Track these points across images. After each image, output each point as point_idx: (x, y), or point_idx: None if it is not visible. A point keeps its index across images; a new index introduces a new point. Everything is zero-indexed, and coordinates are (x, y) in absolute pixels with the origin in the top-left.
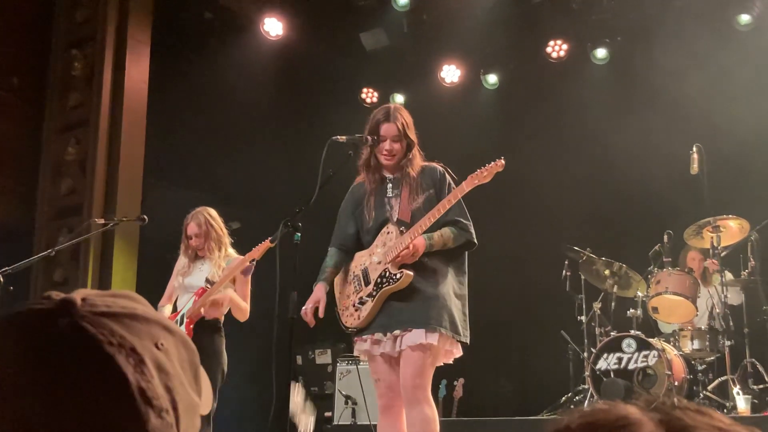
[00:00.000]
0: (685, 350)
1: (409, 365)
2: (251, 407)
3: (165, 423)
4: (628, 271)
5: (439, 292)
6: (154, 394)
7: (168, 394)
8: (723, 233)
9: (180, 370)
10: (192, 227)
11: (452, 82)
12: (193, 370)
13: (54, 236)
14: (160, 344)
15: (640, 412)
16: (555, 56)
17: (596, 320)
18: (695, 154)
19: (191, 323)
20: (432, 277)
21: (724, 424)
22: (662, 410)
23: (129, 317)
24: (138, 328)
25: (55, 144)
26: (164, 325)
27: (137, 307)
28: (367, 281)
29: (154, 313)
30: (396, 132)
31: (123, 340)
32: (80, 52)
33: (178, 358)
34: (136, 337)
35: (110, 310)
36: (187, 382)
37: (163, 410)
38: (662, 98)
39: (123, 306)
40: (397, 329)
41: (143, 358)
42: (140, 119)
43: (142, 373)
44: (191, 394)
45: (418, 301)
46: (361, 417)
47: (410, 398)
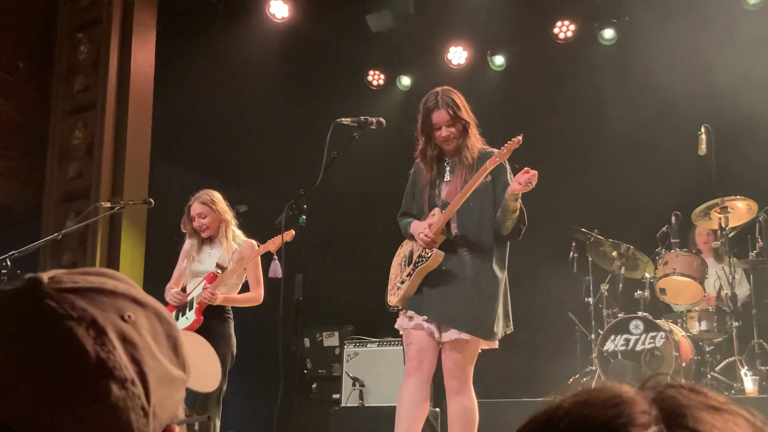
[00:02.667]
0: (693, 331)
1: (450, 359)
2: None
3: (129, 393)
4: (636, 252)
5: (483, 292)
6: (115, 365)
7: (134, 365)
8: (731, 214)
9: (151, 341)
10: (196, 208)
11: (459, 64)
12: (170, 342)
13: (61, 220)
14: (127, 316)
15: (633, 391)
16: (562, 37)
17: (604, 302)
18: (703, 134)
19: (201, 309)
20: (476, 271)
21: (717, 402)
22: (655, 389)
23: (94, 291)
24: (102, 301)
25: (62, 128)
26: (134, 298)
27: (106, 282)
28: (409, 262)
29: (124, 287)
30: (448, 118)
31: (84, 313)
32: (86, 36)
33: (149, 331)
34: (99, 309)
35: (75, 285)
36: (162, 354)
37: (127, 381)
38: (670, 79)
39: (90, 281)
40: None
41: (104, 330)
42: (147, 102)
43: (102, 345)
44: (167, 366)
45: (459, 296)
46: (369, 399)
47: (452, 389)
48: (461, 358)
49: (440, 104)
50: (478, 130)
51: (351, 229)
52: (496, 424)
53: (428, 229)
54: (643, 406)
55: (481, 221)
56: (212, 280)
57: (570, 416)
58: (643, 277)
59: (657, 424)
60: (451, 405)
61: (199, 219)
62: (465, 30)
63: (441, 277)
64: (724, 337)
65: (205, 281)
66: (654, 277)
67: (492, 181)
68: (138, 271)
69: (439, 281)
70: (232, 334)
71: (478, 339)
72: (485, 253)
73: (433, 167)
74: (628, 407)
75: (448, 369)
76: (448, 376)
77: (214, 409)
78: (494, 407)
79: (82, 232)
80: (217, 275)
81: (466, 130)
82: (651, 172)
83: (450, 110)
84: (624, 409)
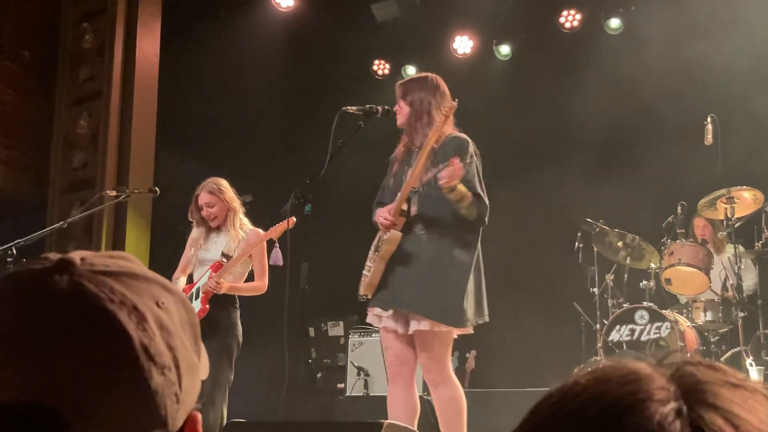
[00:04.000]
0: (698, 322)
1: (423, 353)
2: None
3: (167, 380)
4: (641, 242)
5: (442, 276)
6: (156, 351)
7: (170, 351)
8: (737, 204)
9: (180, 329)
10: (203, 197)
11: (465, 53)
12: (192, 330)
13: (67, 209)
14: (161, 303)
15: (650, 367)
16: (568, 26)
17: (609, 292)
18: (709, 124)
19: (207, 298)
20: (427, 252)
21: (736, 379)
22: (673, 365)
23: (128, 276)
24: (138, 287)
25: (67, 117)
26: (163, 284)
27: (135, 267)
28: (376, 249)
29: (152, 272)
30: (399, 93)
31: (124, 298)
32: (91, 25)
33: (178, 318)
34: (137, 295)
35: (108, 269)
36: (188, 342)
37: (165, 367)
38: (676, 68)
39: (121, 266)
40: (400, 308)
41: (145, 316)
42: (151, 91)
43: (144, 330)
44: (192, 354)
45: (418, 280)
46: (373, 388)
47: (431, 381)
48: (434, 350)
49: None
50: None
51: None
52: (500, 414)
53: (387, 213)
54: (661, 382)
55: (439, 204)
56: (217, 268)
57: (587, 392)
58: (648, 268)
59: (676, 400)
60: (435, 398)
61: (207, 208)
62: (471, 19)
63: (402, 261)
64: (730, 327)
65: (210, 270)
66: (659, 268)
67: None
68: (143, 260)
69: (400, 266)
70: (238, 322)
71: (450, 327)
72: (444, 236)
73: (402, 155)
74: (645, 383)
75: (422, 363)
76: (424, 370)
77: (221, 398)
78: (499, 397)
79: (88, 221)
80: (222, 264)
81: (426, 115)
82: (657, 161)
83: (400, 87)
84: (642, 385)
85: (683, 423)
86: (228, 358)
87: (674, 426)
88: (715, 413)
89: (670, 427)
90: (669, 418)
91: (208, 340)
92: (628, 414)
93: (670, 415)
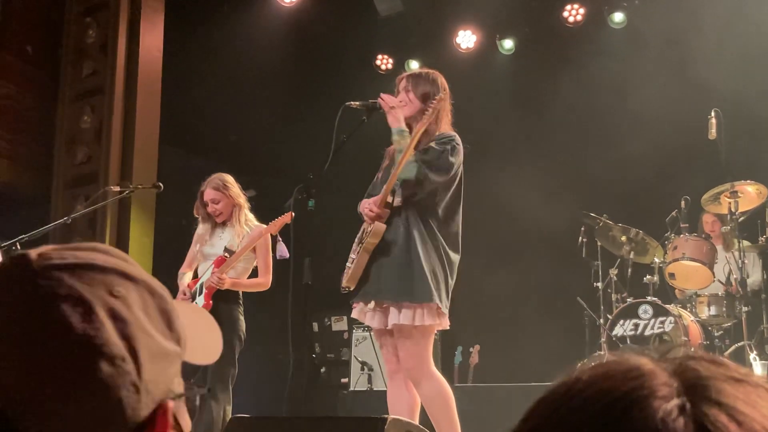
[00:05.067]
0: (702, 316)
1: (402, 349)
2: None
3: (120, 371)
4: (645, 237)
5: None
6: (104, 342)
7: (125, 341)
8: (741, 199)
9: (143, 316)
10: (209, 193)
11: (468, 48)
12: (164, 317)
13: (70, 204)
14: (116, 292)
15: (652, 363)
16: (572, 21)
17: (612, 286)
18: (713, 118)
19: (210, 293)
20: (402, 240)
21: (739, 374)
22: (675, 360)
23: (83, 267)
24: (91, 277)
25: (70, 112)
26: (124, 272)
27: (96, 257)
28: (360, 241)
29: (115, 262)
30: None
31: (71, 290)
32: (94, 20)
33: (141, 306)
34: (87, 286)
35: (64, 262)
36: (155, 329)
37: (116, 358)
38: (680, 62)
39: (79, 257)
40: (376, 297)
41: (92, 307)
42: (155, 86)
43: (90, 321)
44: (159, 341)
45: (391, 267)
46: (377, 383)
47: (412, 378)
48: (412, 346)
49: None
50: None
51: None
52: (503, 409)
53: (372, 204)
54: (664, 377)
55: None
56: (220, 263)
57: (589, 389)
58: (652, 262)
59: (679, 396)
60: (420, 396)
61: (213, 204)
62: (474, 14)
63: (381, 251)
64: (734, 321)
65: (213, 265)
66: (663, 262)
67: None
68: (147, 254)
69: (382, 257)
70: (241, 318)
71: (426, 323)
72: (416, 222)
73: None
74: (648, 379)
75: (402, 359)
76: (404, 368)
77: (224, 393)
78: (502, 392)
79: (91, 216)
80: (226, 259)
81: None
82: (660, 156)
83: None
84: (644, 382)
85: (686, 420)
86: (231, 354)
87: (678, 423)
88: (719, 409)
89: (674, 425)
90: (672, 415)
91: None
92: (631, 411)
93: (673, 411)
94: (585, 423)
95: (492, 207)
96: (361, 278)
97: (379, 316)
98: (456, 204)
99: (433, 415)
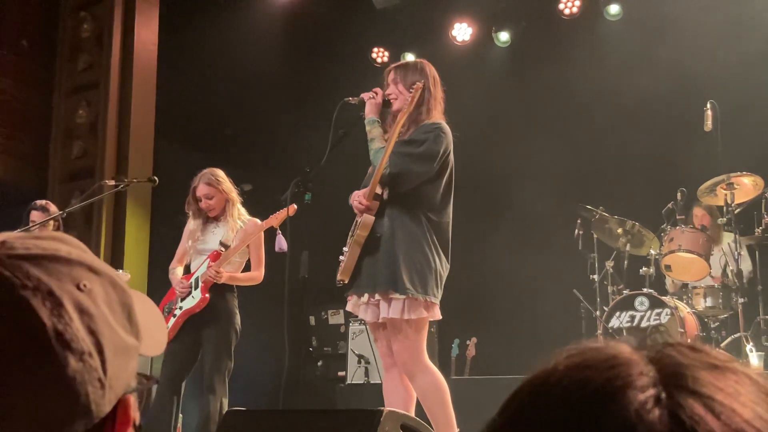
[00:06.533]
0: (698, 308)
1: (395, 342)
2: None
3: (87, 366)
4: (641, 229)
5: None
6: (72, 337)
7: (91, 336)
8: (737, 190)
9: (107, 311)
10: (202, 189)
11: (464, 41)
12: (125, 311)
13: (66, 199)
14: (83, 285)
15: (630, 351)
16: (567, 13)
17: (609, 279)
18: (709, 110)
19: (206, 287)
20: (389, 232)
21: (719, 361)
22: (653, 348)
23: (49, 259)
24: (58, 270)
25: (66, 106)
26: (89, 265)
27: (60, 248)
28: (351, 234)
29: (78, 254)
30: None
31: (39, 283)
32: (89, 14)
33: (105, 300)
34: (55, 279)
35: (29, 252)
36: (118, 324)
37: (84, 353)
38: (676, 54)
39: (44, 248)
40: (365, 292)
41: (61, 301)
42: (150, 80)
43: (59, 316)
44: (122, 336)
45: (378, 261)
46: (374, 376)
47: (406, 373)
48: (404, 340)
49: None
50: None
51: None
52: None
53: (361, 196)
54: (641, 367)
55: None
56: (216, 258)
57: (565, 380)
58: (648, 254)
59: (655, 386)
60: (415, 389)
61: (206, 200)
62: (469, 6)
63: (372, 243)
64: (730, 313)
65: (209, 259)
66: (659, 254)
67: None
68: (143, 248)
69: (370, 248)
70: (236, 311)
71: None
72: (404, 214)
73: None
74: (625, 368)
75: (395, 353)
76: (398, 361)
77: (221, 386)
78: (499, 384)
79: (87, 210)
80: (221, 253)
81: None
82: (656, 148)
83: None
84: (621, 371)
85: (662, 411)
86: (227, 347)
87: (653, 414)
88: (695, 400)
89: (648, 417)
90: (647, 406)
91: (207, 328)
92: (607, 403)
93: (648, 402)
94: (562, 416)
95: (487, 199)
96: (354, 271)
97: (372, 310)
98: (446, 194)
99: (428, 407)
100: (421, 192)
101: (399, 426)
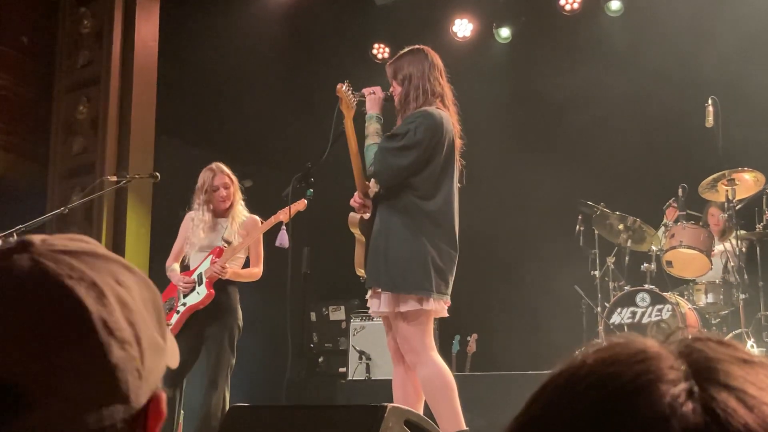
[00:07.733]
0: (699, 304)
1: (398, 332)
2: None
3: (128, 355)
4: (642, 225)
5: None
6: (116, 326)
7: (131, 327)
8: (738, 186)
9: (143, 308)
10: (220, 178)
11: (464, 37)
12: (156, 311)
13: (67, 195)
14: (121, 280)
15: (658, 345)
16: (568, 9)
17: (610, 275)
18: (710, 106)
19: (211, 282)
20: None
21: (748, 355)
22: (682, 342)
23: (88, 255)
24: (97, 265)
25: (66, 103)
26: (124, 264)
27: (95, 247)
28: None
29: (112, 253)
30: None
31: (83, 274)
32: (89, 10)
33: (140, 297)
34: (96, 272)
35: (68, 248)
36: (150, 322)
37: (126, 342)
38: (677, 50)
39: (81, 246)
40: (369, 286)
41: (104, 291)
42: (151, 76)
43: (103, 305)
44: (155, 334)
45: (373, 256)
46: (375, 372)
47: (409, 362)
48: (403, 332)
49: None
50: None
51: None
52: (501, 397)
53: (356, 194)
54: (670, 360)
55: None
56: (219, 253)
57: (594, 374)
58: (649, 250)
59: (686, 379)
60: (418, 378)
61: (224, 189)
62: (470, 2)
63: (373, 239)
64: (731, 309)
65: (212, 255)
66: (661, 250)
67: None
68: (144, 244)
69: (371, 244)
70: (238, 307)
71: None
72: (392, 208)
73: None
74: (655, 362)
75: (399, 343)
76: (402, 352)
77: (223, 381)
78: (500, 380)
79: (88, 206)
80: (224, 249)
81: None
82: (658, 144)
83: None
84: (651, 365)
85: (695, 404)
86: (230, 342)
87: (686, 407)
88: (728, 393)
89: (682, 409)
90: (680, 399)
91: (210, 324)
92: (638, 396)
93: (681, 396)
94: (590, 410)
95: (488, 195)
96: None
97: (376, 303)
98: (442, 180)
99: (431, 401)
100: (412, 183)
101: (402, 421)
